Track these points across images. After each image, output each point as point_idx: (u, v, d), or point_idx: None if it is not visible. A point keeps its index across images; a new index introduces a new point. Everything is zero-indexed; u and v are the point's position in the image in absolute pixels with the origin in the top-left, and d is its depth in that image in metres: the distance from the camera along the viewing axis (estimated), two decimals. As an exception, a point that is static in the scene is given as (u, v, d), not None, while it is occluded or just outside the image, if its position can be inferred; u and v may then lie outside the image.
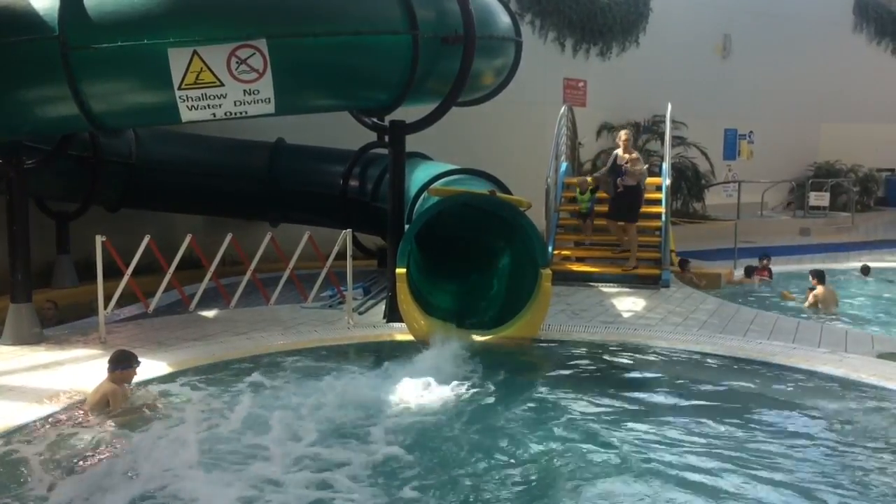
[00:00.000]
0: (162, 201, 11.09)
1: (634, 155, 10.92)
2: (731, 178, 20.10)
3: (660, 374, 6.92)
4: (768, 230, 17.77)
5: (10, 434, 5.22)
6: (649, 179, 12.00)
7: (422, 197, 8.82)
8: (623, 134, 11.23)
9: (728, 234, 14.48)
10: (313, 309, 8.87)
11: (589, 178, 11.87)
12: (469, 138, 13.99)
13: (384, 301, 8.66)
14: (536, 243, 7.75)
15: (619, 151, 10.95)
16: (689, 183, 17.89)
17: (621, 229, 11.22)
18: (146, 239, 7.83)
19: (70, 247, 10.62)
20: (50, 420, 5.50)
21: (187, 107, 6.79)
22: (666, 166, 11.87)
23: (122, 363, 5.77)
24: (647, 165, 11.70)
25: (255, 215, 11.51)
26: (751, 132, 21.66)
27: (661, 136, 16.19)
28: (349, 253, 8.36)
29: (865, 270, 12.94)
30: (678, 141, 17.09)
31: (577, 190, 11.81)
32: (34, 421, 5.45)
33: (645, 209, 11.49)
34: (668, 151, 12.43)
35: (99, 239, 7.53)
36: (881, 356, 7.18)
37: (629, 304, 9.56)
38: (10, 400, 5.84)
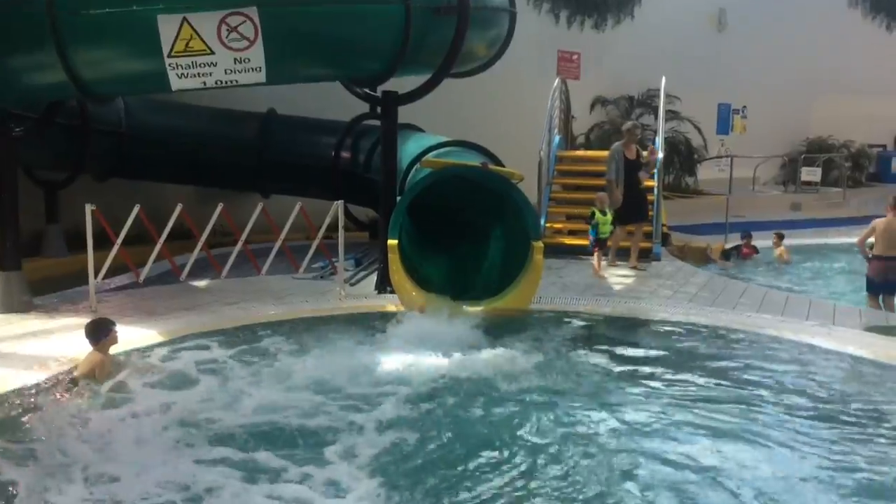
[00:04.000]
0: (152, 171, 11.01)
1: (651, 146, 10.71)
2: (724, 153, 20.09)
3: (650, 345, 6.94)
4: (760, 205, 17.81)
5: (-1, 401, 5.22)
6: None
7: (414, 169, 8.78)
8: (634, 127, 10.31)
9: (720, 208, 14.52)
10: (305, 280, 8.86)
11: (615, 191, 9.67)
12: (462, 110, 13.91)
13: (376, 272, 8.66)
14: (528, 216, 7.74)
15: (622, 144, 9.98)
16: (681, 157, 17.89)
17: (626, 231, 10.05)
18: (136, 209, 7.78)
19: (59, 216, 10.56)
20: (38, 388, 5.49)
21: (177, 75, 6.72)
22: (659, 140, 11.85)
23: (99, 333, 5.73)
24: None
25: (247, 186, 11.44)
26: (744, 107, 21.62)
27: (655, 110, 16.15)
28: (341, 224, 8.33)
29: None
30: (672, 115, 17.05)
31: (595, 211, 9.55)
32: (22, 388, 5.45)
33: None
34: (661, 125, 12.42)
35: (88, 208, 7.49)
36: (868, 329, 7.28)
37: (620, 277, 9.59)
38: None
